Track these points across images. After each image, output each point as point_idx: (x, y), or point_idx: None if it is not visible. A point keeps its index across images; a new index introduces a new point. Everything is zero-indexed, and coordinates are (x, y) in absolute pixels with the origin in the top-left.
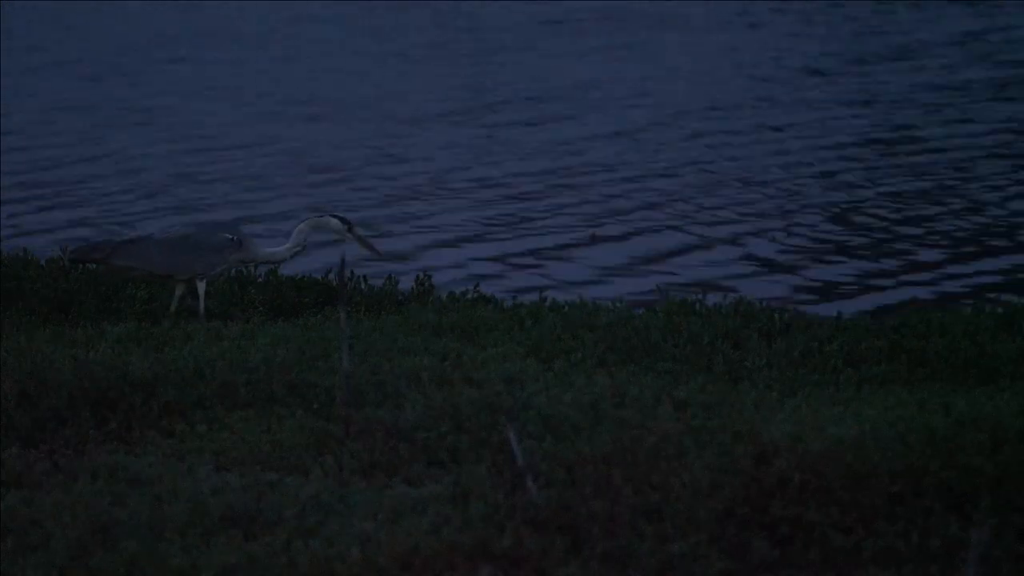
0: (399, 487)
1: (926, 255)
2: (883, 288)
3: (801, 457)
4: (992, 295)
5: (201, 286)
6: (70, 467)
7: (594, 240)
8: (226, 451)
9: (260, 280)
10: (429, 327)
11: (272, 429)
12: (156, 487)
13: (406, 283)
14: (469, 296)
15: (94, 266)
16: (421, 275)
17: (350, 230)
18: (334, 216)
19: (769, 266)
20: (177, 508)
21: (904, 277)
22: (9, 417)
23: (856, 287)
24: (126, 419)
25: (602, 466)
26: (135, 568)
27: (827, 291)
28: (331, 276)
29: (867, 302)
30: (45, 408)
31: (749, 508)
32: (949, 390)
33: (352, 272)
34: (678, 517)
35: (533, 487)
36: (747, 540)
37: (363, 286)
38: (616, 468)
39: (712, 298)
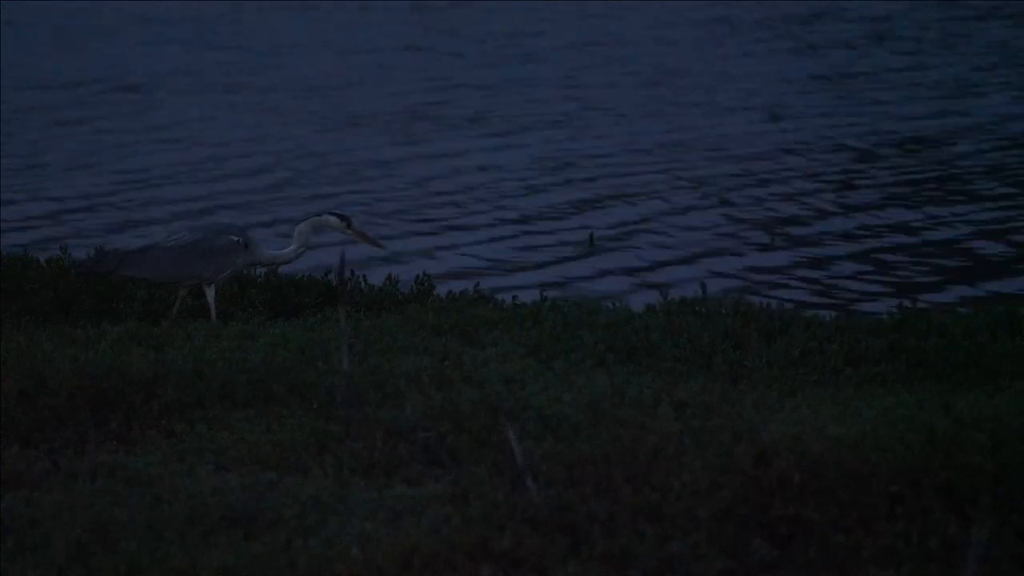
0: (399, 487)
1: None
2: (887, 287)
3: (801, 457)
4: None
5: (210, 292)
6: (70, 467)
7: (592, 241)
8: (226, 451)
9: (260, 280)
10: (429, 327)
11: (272, 429)
12: (156, 487)
13: (406, 283)
14: (469, 296)
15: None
16: (421, 275)
17: (349, 226)
18: (332, 214)
19: (769, 266)
20: (177, 508)
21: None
22: (9, 417)
23: (857, 286)
24: (126, 419)
25: (602, 466)
26: (135, 568)
27: (827, 291)
28: (331, 276)
29: (867, 302)
30: (45, 408)
31: (749, 508)
32: (949, 390)
33: (352, 272)
34: (678, 517)
35: (533, 487)
36: (747, 540)
37: (363, 286)
38: (616, 468)
39: (712, 298)
